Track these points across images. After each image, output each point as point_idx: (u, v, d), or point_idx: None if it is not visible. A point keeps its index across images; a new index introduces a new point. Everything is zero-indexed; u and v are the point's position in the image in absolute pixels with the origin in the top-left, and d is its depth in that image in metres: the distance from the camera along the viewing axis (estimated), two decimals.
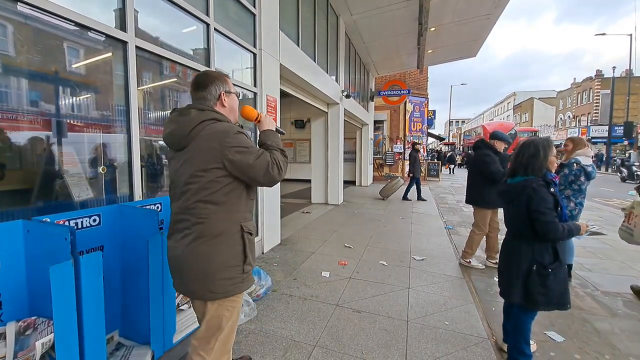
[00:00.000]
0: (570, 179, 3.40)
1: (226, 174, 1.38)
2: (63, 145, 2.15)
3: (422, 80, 16.39)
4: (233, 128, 1.41)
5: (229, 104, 1.55)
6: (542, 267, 1.97)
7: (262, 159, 1.39)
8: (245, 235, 1.45)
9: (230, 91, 1.55)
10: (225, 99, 1.53)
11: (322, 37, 7.23)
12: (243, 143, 1.39)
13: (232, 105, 1.57)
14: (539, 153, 2.04)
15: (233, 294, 1.46)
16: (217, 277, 1.40)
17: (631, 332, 2.70)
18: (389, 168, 16.21)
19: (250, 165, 1.37)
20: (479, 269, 4.06)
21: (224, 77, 1.54)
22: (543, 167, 2.04)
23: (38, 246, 1.63)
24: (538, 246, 2.01)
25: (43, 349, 1.48)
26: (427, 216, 7.30)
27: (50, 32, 2.05)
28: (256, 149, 1.42)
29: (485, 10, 8.06)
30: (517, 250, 2.10)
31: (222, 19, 3.61)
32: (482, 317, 2.82)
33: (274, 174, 1.43)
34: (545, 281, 1.96)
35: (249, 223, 1.50)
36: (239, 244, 1.44)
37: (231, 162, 1.36)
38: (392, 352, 2.31)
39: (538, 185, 1.98)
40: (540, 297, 1.98)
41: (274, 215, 4.78)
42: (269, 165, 1.41)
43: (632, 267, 4.23)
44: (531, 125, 42.60)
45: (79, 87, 2.26)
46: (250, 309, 2.70)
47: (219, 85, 1.51)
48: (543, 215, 1.93)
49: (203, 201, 1.37)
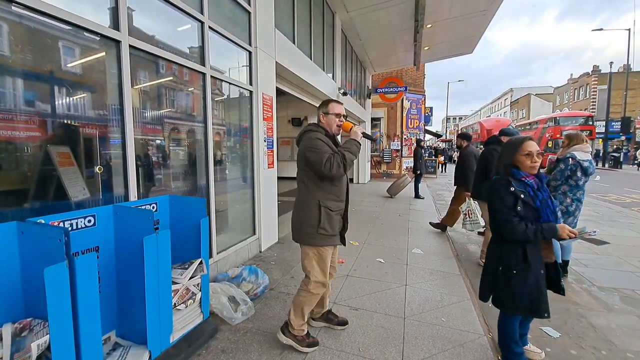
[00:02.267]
0: (566, 174, 3.38)
1: (307, 164, 2.11)
2: (58, 145, 2.14)
3: (419, 77, 16.37)
4: (313, 135, 2.12)
5: (326, 122, 2.25)
6: (507, 269, 1.92)
7: (320, 158, 2.02)
8: (322, 208, 2.12)
9: (327, 113, 2.23)
10: (323, 118, 2.26)
11: (318, 34, 7.21)
12: (313, 145, 2.06)
13: (328, 123, 2.24)
14: (503, 152, 2.05)
15: (312, 244, 2.18)
16: (302, 230, 2.20)
17: (628, 327, 2.72)
18: (387, 165, 16.23)
19: (311, 162, 2.06)
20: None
21: (326, 105, 2.26)
22: (505, 165, 2.00)
23: (32, 248, 1.62)
24: (505, 246, 1.96)
25: (39, 350, 1.48)
26: (424, 213, 7.32)
27: (44, 31, 2.03)
28: (321, 151, 2.03)
29: (482, 7, 8.05)
30: (490, 250, 2.10)
31: (217, 17, 3.59)
32: (479, 313, 2.84)
33: (325, 170, 2.01)
34: (510, 282, 1.91)
35: (328, 201, 2.15)
36: (317, 212, 2.13)
37: (305, 157, 2.10)
38: (389, 348, 2.32)
39: (498, 183, 1.96)
40: (508, 300, 1.95)
41: (271, 214, 4.77)
42: (322, 163, 2.01)
43: (628, 262, 4.26)
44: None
45: (73, 86, 2.25)
46: (247, 307, 2.70)
47: (321, 108, 2.28)
48: (498, 214, 1.92)
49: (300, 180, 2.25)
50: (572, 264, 4.00)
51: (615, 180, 15.16)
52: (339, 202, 2.21)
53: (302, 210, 2.19)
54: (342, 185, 2.22)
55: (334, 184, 2.15)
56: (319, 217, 2.11)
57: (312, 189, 2.14)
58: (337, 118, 2.23)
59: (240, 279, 3.06)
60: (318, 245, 2.16)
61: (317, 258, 2.19)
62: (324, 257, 2.21)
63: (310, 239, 2.15)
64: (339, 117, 2.24)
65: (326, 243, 2.17)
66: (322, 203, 2.12)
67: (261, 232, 4.46)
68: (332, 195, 2.16)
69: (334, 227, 2.18)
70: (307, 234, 2.15)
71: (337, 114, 2.23)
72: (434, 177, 16.49)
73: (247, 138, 4.36)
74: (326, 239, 2.16)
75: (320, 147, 2.04)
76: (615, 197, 10.01)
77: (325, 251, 2.20)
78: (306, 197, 2.17)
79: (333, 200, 2.16)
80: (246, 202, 4.38)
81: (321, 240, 2.15)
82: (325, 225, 2.12)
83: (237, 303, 2.70)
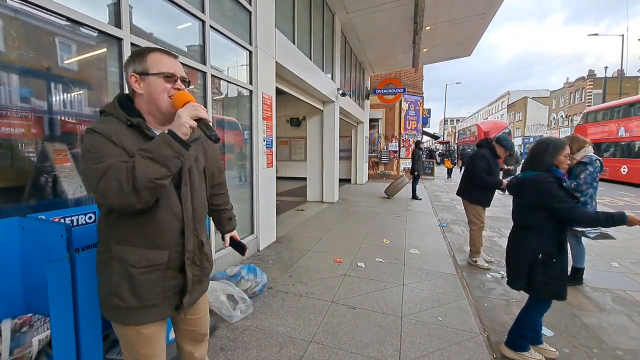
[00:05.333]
0: (595, 177, 3.30)
1: None
2: (56, 142, 2.14)
3: (417, 78, 16.44)
4: (93, 124, 1.09)
5: (146, 91, 1.14)
6: (547, 257, 2.07)
7: (90, 170, 1.02)
8: (115, 261, 1.14)
9: (147, 72, 1.13)
10: (139, 83, 1.14)
11: (317, 35, 7.24)
12: (86, 144, 1.05)
13: (150, 93, 1.14)
14: (546, 150, 2.17)
15: (117, 322, 1.22)
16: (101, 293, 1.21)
17: (619, 326, 2.77)
18: (384, 166, 16.28)
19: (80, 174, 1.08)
20: (483, 268, 4.06)
21: (142, 55, 1.15)
22: (547, 163, 2.15)
23: (34, 244, 1.63)
24: (546, 237, 2.09)
25: (40, 346, 1.49)
26: (422, 214, 7.35)
27: (44, 28, 2.03)
28: (97, 155, 1.02)
29: (480, 10, 8.10)
30: (524, 240, 2.19)
31: (218, 16, 3.61)
32: (475, 312, 2.87)
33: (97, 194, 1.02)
34: (548, 270, 2.06)
35: (127, 249, 1.14)
36: (108, 268, 1.16)
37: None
38: (386, 347, 2.34)
39: (548, 181, 2.07)
40: (542, 285, 2.08)
41: (269, 213, 4.79)
42: (94, 180, 1.00)
43: (620, 263, 4.31)
44: (524, 125, 42.99)
45: (73, 83, 2.26)
46: (246, 305, 2.72)
47: (131, 64, 1.16)
48: (562, 204, 2.02)
49: None
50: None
51: (608, 183, 15.30)
52: (152, 251, 1.16)
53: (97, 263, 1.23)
54: (158, 219, 1.15)
55: (139, 217, 1.12)
56: (110, 278, 1.15)
57: (101, 223, 1.19)
58: (168, 82, 1.15)
59: (238, 278, 3.07)
60: (114, 321, 1.23)
61: (123, 342, 1.26)
62: (134, 343, 1.23)
63: (119, 312, 1.18)
64: (172, 80, 1.15)
65: (128, 321, 1.19)
66: (115, 252, 1.14)
67: (259, 231, 4.48)
68: (136, 239, 1.14)
69: (143, 295, 1.16)
70: (102, 303, 1.22)
71: (169, 74, 1.14)
72: (431, 178, 16.56)
73: (246, 137, 4.38)
74: (127, 314, 1.17)
75: (98, 147, 1.04)
76: (608, 200, 10.11)
77: (132, 333, 1.21)
78: (99, 237, 1.21)
79: (138, 248, 1.14)
80: (245, 201, 4.39)
81: (118, 316, 1.19)
82: (122, 294, 1.14)
83: (236, 301, 2.71)
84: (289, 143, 14.76)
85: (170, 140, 1.03)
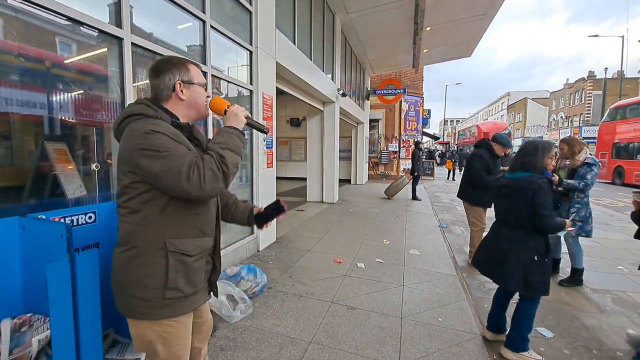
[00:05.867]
0: (595, 180, 3.33)
1: (139, 179, 1.15)
2: (56, 142, 2.14)
3: (417, 79, 16.44)
4: (147, 126, 1.13)
5: (189, 97, 1.28)
6: (541, 256, 2.16)
7: (172, 167, 1.08)
8: (170, 255, 1.19)
9: (191, 82, 1.28)
10: (182, 90, 1.27)
11: (318, 35, 7.24)
12: (152, 145, 1.09)
13: (194, 99, 1.30)
14: (537, 152, 2.21)
15: (150, 318, 1.22)
16: (130, 294, 1.22)
17: (619, 328, 2.77)
18: (384, 167, 16.28)
19: (153, 174, 1.10)
20: None
21: (185, 64, 1.29)
22: (540, 166, 2.21)
23: (34, 243, 1.62)
24: (539, 238, 2.19)
25: (39, 346, 1.49)
26: (422, 215, 7.35)
27: (45, 27, 2.03)
28: (171, 154, 1.10)
29: (481, 10, 8.11)
30: (518, 241, 2.22)
31: (218, 16, 3.61)
32: (475, 313, 2.87)
33: (188, 188, 1.09)
34: (543, 269, 2.16)
35: (184, 241, 1.23)
36: (161, 263, 1.19)
37: (136, 166, 1.12)
38: (386, 347, 2.34)
39: (543, 182, 2.14)
40: (538, 284, 2.16)
41: None
42: (181, 175, 1.08)
43: (620, 264, 4.31)
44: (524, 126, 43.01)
45: (74, 83, 2.25)
46: (246, 306, 2.72)
47: (175, 73, 1.26)
48: (545, 210, 2.10)
49: (122, 207, 1.22)
50: (566, 266, 4.01)
51: (608, 184, 15.30)
52: (203, 239, 1.30)
53: (131, 260, 1.22)
54: (208, 208, 1.33)
55: (195, 210, 1.26)
56: (165, 271, 1.19)
57: (147, 221, 1.20)
58: (204, 90, 1.35)
59: (238, 278, 3.07)
60: (165, 318, 1.22)
61: (163, 341, 1.25)
62: (176, 336, 1.27)
63: (153, 309, 1.21)
64: (204, 88, 1.35)
65: (178, 311, 1.25)
66: (171, 246, 1.20)
67: (259, 231, 4.47)
68: (190, 230, 1.26)
69: (196, 281, 1.28)
70: (141, 301, 1.21)
71: (204, 84, 1.35)
72: (430, 179, 16.56)
73: (246, 137, 4.37)
74: (180, 304, 1.24)
75: (169, 147, 1.11)
76: (609, 201, 10.12)
77: (178, 326, 1.27)
78: (138, 236, 1.21)
79: (191, 238, 1.26)
80: None
81: (166, 310, 1.22)
82: (179, 284, 1.21)
83: (236, 301, 2.71)
84: (289, 143, 14.76)
85: (239, 133, 1.26)
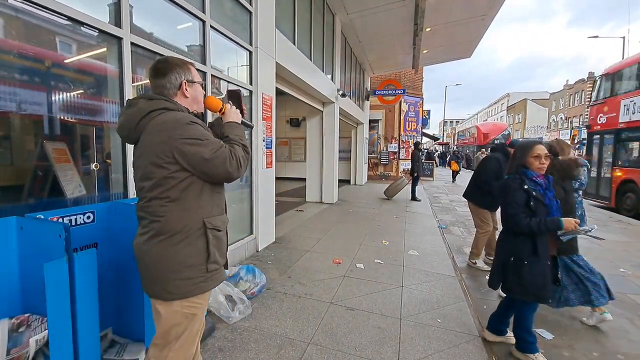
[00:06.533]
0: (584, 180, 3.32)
1: (180, 168, 1.25)
2: (56, 141, 2.13)
3: (417, 80, 16.45)
4: (186, 117, 1.29)
5: (192, 95, 1.42)
6: (519, 259, 2.12)
7: (219, 153, 1.28)
8: (208, 232, 1.33)
9: (193, 80, 1.42)
10: (187, 88, 1.40)
11: (318, 35, 7.24)
12: (197, 134, 1.26)
13: (196, 96, 1.44)
14: (516, 153, 2.27)
15: (194, 294, 1.33)
16: (175, 277, 1.29)
17: (619, 330, 2.76)
18: (384, 167, 16.28)
19: (205, 160, 1.26)
20: (483, 270, 4.03)
21: (187, 65, 1.42)
22: (515, 165, 2.23)
23: (31, 243, 1.62)
24: (518, 239, 2.14)
25: (37, 346, 1.48)
26: (421, 215, 7.35)
27: (44, 26, 2.03)
28: (214, 141, 1.30)
29: (481, 11, 8.11)
30: (501, 242, 2.28)
31: (218, 16, 3.60)
32: (474, 314, 2.86)
33: (232, 170, 1.31)
34: (520, 271, 2.10)
35: (215, 218, 1.39)
36: (202, 241, 1.33)
37: (183, 156, 1.24)
38: (385, 349, 2.33)
39: (511, 181, 2.18)
40: (515, 285, 2.14)
41: (268, 213, 4.78)
42: (228, 160, 1.29)
43: (620, 266, 4.31)
44: (524, 127, 43.02)
45: (73, 82, 2.25)
46: (245, 306, 2.71)
47: (181, 73, 1.38)
48: (508, 209, 2.14)
49: (158, 198, 1.27)
50: None
51: None
52: (223, 215, 1.47)
53: (175, 246, 1.29)
54: (223, 187, 1.50)
55: (216, 189, 1.41)
56: (206, 247, 1.33)
57: (188, 206, 1.30)
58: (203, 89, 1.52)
59: (237, 278, 3.06)
60: (201, 293, 1.35)
61: (191, 317, 1.36)
62: (202, 312, 1.42)
63: (197, 285, 1.33)
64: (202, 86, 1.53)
65: (216, 282, 1.42)
66: (209, 223, 1.34)
67: (259, 231, 4.47)
68: (216, 208, 1.42)
69: (224, 252, 1.46)
70: (187, 281, 1.31)
71: (202, 82, 1.52)
72: (430, 179, 16.56)
73: (246, 137, 4.37)
74: (217, 275, 1.41)
75: (207, 135, 1.30)
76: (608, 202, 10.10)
77: (205, 300, 1.42)
78: (181, 222, 1.29)
79: (218, 215, 1.42)
80: (244, 202, 4.39)
81: (209, 283, 1.37)
82: (216, 257, 1.37)
83: (235, 302, 2.71)
84: (288, 143, 14.75)
85: (243, 128, 1.55)
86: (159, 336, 1.37)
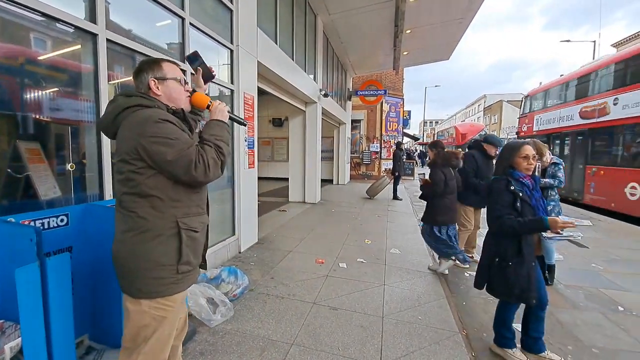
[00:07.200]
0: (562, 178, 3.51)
1: (145, 165, 1.23)
2: (28, 141, 2.05)
3: (397, 81, 16.68)
4: (157, 115, 1.25)
5: (164, 92, 1.39)
6: (503, 260, 2.12)
7: (184, 155, 1.23)
8: (183, 232, 1.30)
9: (165, 77, 1.39)
10: (157, 86, 1.38)
11: (300, 35, 7.22)
12: (164, 133, 1.22)
13: (169, 93, 1.40)
14: (502, 154, 2.29)
15: (162, 295, 1.30)
16: (146, 275, 1.27)
17: (592, 324, 2.87)
18: (366, 167, 16.42)
19: (168, 161, 1.22)
20: (462, 267, 4.10)
21: (157, 63, 1.40)
22: (502, 166, 2.24)
23: (2, 247, 1.55)
24: (503, 240, 2.14)
25: (12, 353, 1.42)
26: (402, 214, 7.46)
27: (16, 22, 1.94)
28: (183, 142, 1.25)
29: (458, 15, 8.32)
30: (487, 242, 2.29)
31: (198, 14, 3.54)
32: (454, 311, 2.93)
33: (197, 174, 1.25)
34: (504, 272, 2.11)
35: (192, 219, 1.35)
36: (175, 241, 1.30)
37: (148, 153, 1.21)
38: (367, 347, 2.36)
39: (497, 182, 2.19)
40: (499, 287, 2.16)
41: (251, 214, 4.73)
42: (192, 163, 1.24)
43: (593, 262, 4.49)
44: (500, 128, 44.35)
45: (47, 80, 2.16)
46: (226, 309, 2.68)
47: (149, 71, 1.38)
48: (494, 210, 2.15)
49: (129, 194, 1.27)
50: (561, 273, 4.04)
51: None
52: (202, 216, 1.44)
53: (146, 243, 1.27)
54: (202, 187, 1.44)
55: (196, 189, 1.38)
56: (179, 247, 1.30)
57: (159, 204, 1.27)
58: (181, 85, 1.44)
59: (219, 280, 3.02)
60: (170, 295, 1.32)
61: (160, 320, 1.32)
62: (173, 316, 1.37)
63: (166, 285, 1.30)
64: (183, 83, 1.46)
65: (187, 284, 1.40)
66: (183, 224, 1.31)
67: (241, 232, 4.42)
68: (195, 208, 1.38)
69: (199, 253, 1.44)
70: (157, 280, 1.28)
71: (179, 79, 1.44)
72: (411, 179, 16.83)
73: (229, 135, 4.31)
74: (189, 277, 1.39)
75: (176, 135, 1.25)
76: None
77: (177, 301, 1.37)
78: (151, 219, 1.27)
79: (196, 215, 1.39)
80: (226, 202, 4.33)
81: (180, 285, 1.35)
82: (189, 258, 1.34)
83: (216, 305, 2.67)
84: (271, 143, 14.65)
85: (227, 127, 1.47)
86: (128, 338, 1.35)
